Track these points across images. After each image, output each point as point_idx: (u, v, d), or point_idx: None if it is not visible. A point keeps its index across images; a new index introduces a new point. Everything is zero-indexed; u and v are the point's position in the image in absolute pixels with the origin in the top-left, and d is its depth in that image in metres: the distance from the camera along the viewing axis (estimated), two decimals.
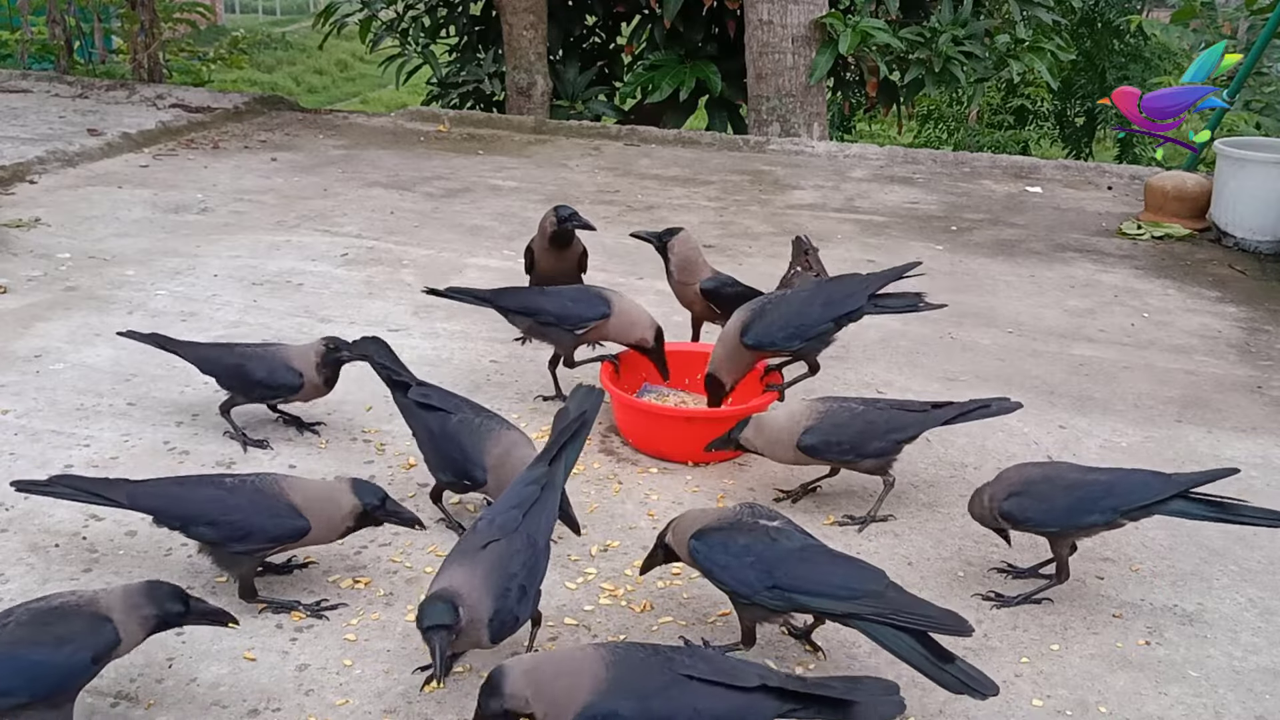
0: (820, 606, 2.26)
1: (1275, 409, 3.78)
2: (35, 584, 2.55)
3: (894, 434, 2.88)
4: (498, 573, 2.16)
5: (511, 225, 5.49)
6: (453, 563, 2.19)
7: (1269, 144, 5.90)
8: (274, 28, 24.61)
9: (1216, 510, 2.54)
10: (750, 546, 2.29)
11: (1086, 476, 2.61)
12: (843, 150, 7.49)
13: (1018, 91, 15.69)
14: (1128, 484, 2.57)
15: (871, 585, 2.23)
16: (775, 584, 2.24)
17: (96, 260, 4.73)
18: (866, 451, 2.88)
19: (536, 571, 2.24)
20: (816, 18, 7.86)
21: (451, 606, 2.05)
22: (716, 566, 2.30)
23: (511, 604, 2.15)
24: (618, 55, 10.23)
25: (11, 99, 7.80)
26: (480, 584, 2.12)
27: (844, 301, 3.30)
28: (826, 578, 2.25)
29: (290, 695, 2.25)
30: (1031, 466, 2.71)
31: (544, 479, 2.34)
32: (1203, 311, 4.70)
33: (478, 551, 2.19)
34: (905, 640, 2.17)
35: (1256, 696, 2.38)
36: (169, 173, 6.25)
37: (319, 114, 8.26)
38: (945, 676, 2.14)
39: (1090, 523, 2.55)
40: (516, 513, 2.27)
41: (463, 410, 2.87)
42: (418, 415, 2.87)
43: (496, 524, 2.25)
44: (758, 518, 2.37)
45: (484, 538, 2.22)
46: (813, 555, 2.31)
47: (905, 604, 2.20)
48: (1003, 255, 5.35)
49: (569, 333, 3.45)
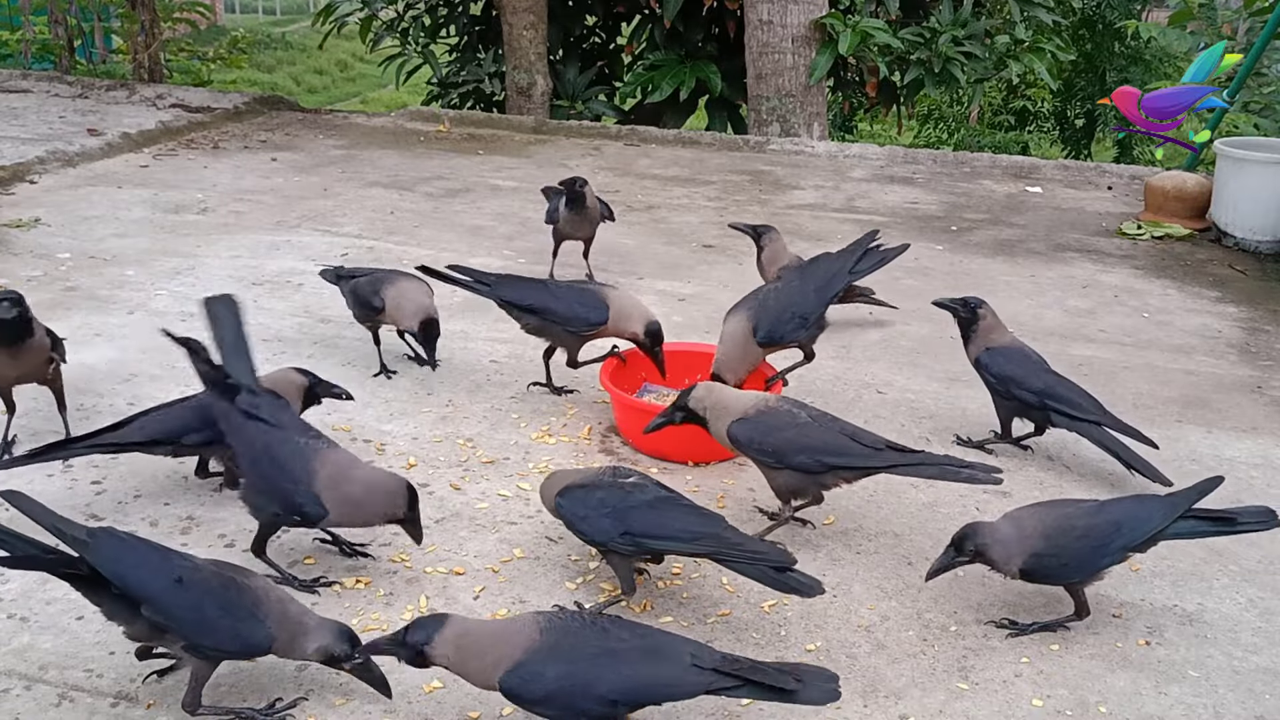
0: (667, 548, 2.49)
1: (1275, 409, 3.78)
2: (35, 584, 2.55)
3: (825, 455, 2.72)
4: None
5: (511, 225, 5.49)
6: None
7: (1269, 144, 5.90)
8: (274, 28, 24.58)
9: (1216, 524, 2.55)
10: (605, 499, 2.51)
11: (1095, 519, 2.52)
12: (843, 150, 7.49)
13: (1018, 92, 15.71)
14: (1134, 518, 2.52)
15: (710, 529, 2.46)
16: (627, 530, 2.46)
17: (96, 260, 4.73)
18: (789, 462, 2.75)
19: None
20: (816, 18, 7.86)
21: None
22: (576, 518, 2.53)
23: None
24: (618, 55, 10.23)
25: (11, 99, 7.79)
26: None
27: (832, 283, 3.40)
28: (671, 524, 2.48)
29: (290, 695, 2.25)
30: (1040, 513, 2.56)
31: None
32: (1203, 311, 4.70)
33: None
34: (745, 566, 2.43)
35: (1256, 696, 2.38)
36: (169, 173, 6.25)
37: (319, 114, 8.26)
38: (779, 583, 2.39)
39: (1105, 565, 2.51)
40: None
41: (293, 427, 2.60)
42: (243, 429, 2.57)
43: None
44: (617, 476, 2.57)
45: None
46: (662, 505, 2.52)
47: (740, 542, 2.44)
48: (1003, 255, 5.35)
49: (573, 334, 3.45)
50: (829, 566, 2.77)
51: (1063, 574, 2.51)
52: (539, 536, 2.84)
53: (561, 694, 2.01)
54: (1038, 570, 2.50)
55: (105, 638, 2.36)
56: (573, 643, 2.06)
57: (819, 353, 3.57)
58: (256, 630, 2.11)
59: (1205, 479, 2.63)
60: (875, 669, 2.40)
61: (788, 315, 3.31)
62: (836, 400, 3.68)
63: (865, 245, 3.49)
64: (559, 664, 2.03)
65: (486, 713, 2.22)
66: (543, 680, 2.02)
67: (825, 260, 3.52)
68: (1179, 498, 2.57)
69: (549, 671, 2.02)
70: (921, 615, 2.60)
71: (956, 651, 2.47)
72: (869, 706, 2.29)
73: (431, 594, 2.60)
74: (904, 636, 2.52)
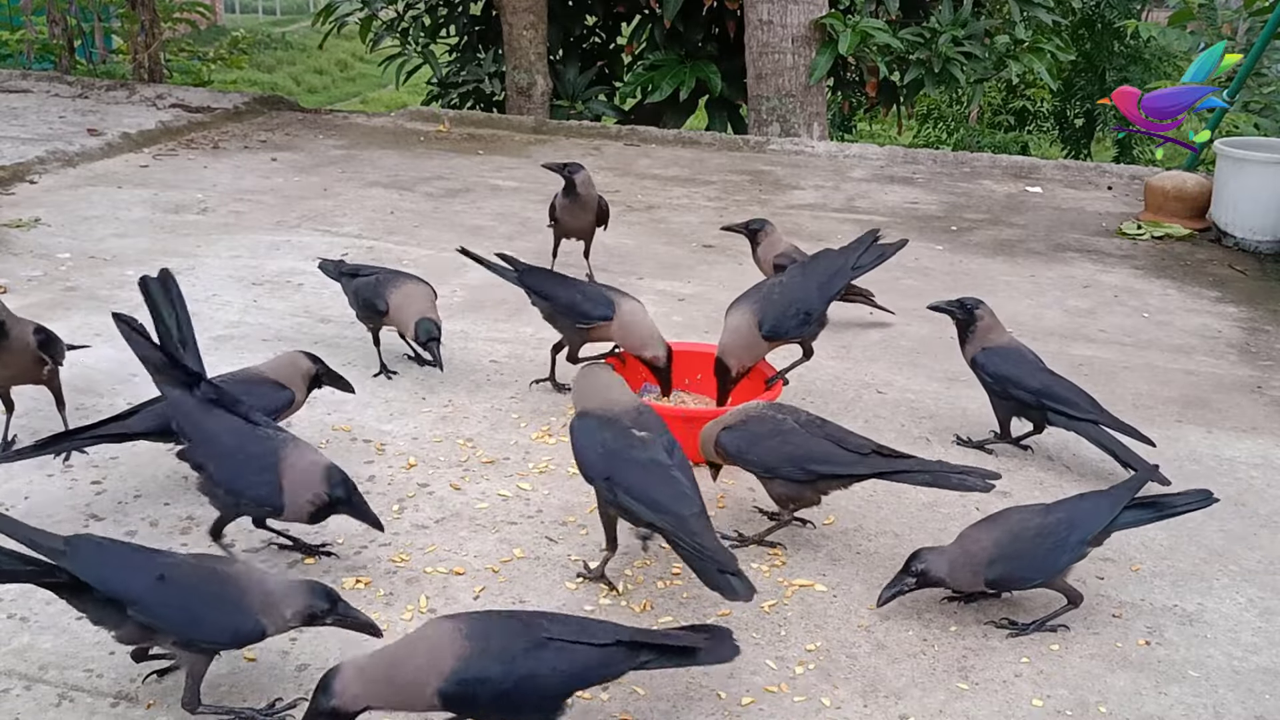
0: (632, 509, 2.46)
1: (1275, 409, 3.78)
2: None
3: (810, 464, 2.70)
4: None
5: (511, 225, 5.49)
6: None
7: (1269, 144, 5.90)
8: (274, 28, 24.58)
9: (1154, 511, 2.61)
10: (606, 441, 2.52)
11: (1046, 519, 2.54)
12: (843, 150, 7.49)
13: (1018, 92, 15.72)
14: (1084, 513, 2.55)
15: (678, 509, 2.42)
16: (609, 476, 2.48)
17: (96, 260, 4.73)
18: (777, 473, 2.74)
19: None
20: (816, 18, 7.86)
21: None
22: (576, 443, 2.58)
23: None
24: (618, 55, 10.23)
25: (11, 99, 7.79)
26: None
27: (834, 280, 3.41)
28: (648, 490, 2.45)
29: (290, 695, 2.25)
30: (992, 527, 2.57)
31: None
32: (1203, 311, 4.70)
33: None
34: (691, 558, 2.39)
35: (1256, 696, 2.38)
36: (169, 173, 6.25)
37: (319, 114, 8.26)
38: (714, 581, 2.34)
39: (1066, 563, 2.52)
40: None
41: (252, 417, 2.59)
42: (204, 420, 2.54)
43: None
44: (637, 426, 2.55)
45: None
46: (652, 469, 2.48)
47: (697, 533, 2.38)
48: (1003, 255, 5.35)
49: (574, 326, 3.48)
50: (829, 566, 2.77)
51: (1029, 576, 2.51)
52: (539, 536, 2.84)
53: (510, 693, 1.97)
54: (1004, 578, 2.50)
55: (105, 638, 2.35)
56: (503, 642, 2.01)
57: (818, 352, 3.57)
58: (245, 620, 2.10)
59: (1141, 471, 2.81)
60: (875, 669, 2.40)
61: (792, 310, 3.31)
62: (836, 400, 3.68)
63: (866, 244, 3.49)
64: (498, 664, 1.97)
65: None
66: (488, 682, 1.95)
67: (827, 256, 3.51)
68: (1119, 490, 2.61)
69: (492, 672, 1.96)
70: (921, 615, 2.60)
71: (956, 651, 2.47)
72: (869, 706, 2.29)
73: (431, 594, 2.60)
74: (904, 636, 2.52)
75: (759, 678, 2.36)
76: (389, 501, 2.97)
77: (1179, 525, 2.94)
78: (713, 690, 2.31)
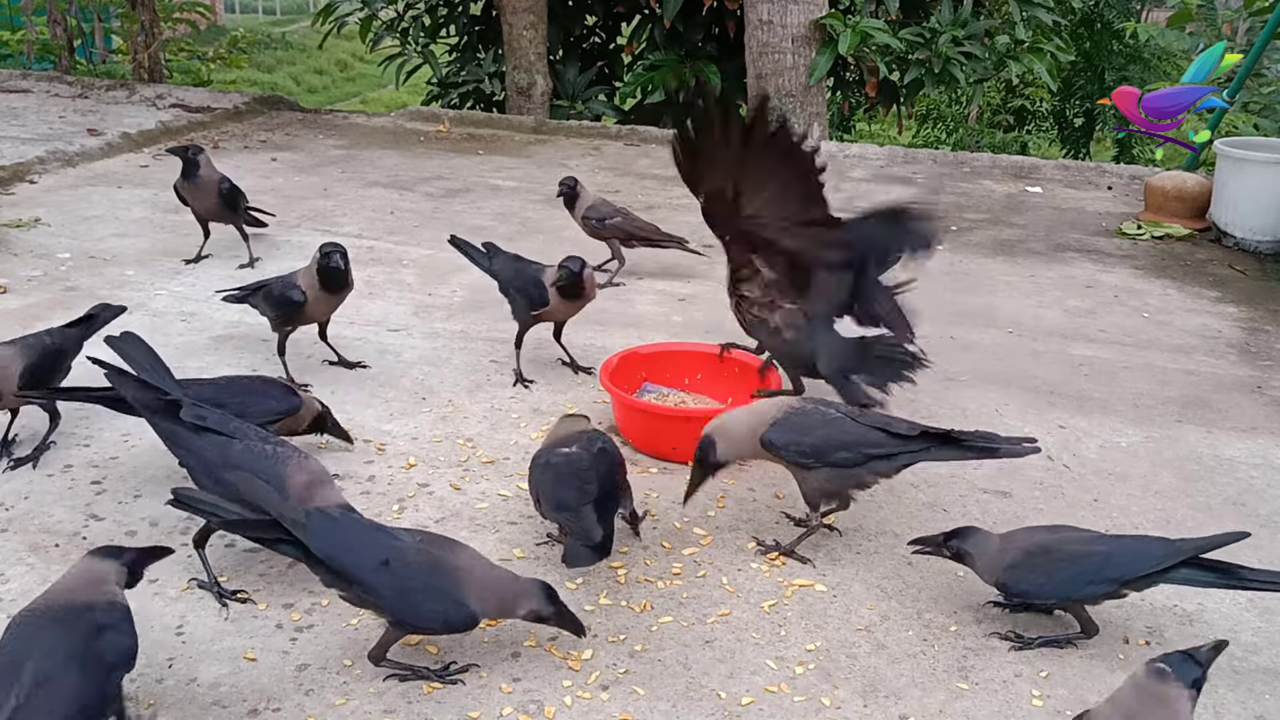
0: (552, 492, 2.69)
1: (1275, 409, 3.78)
2: (36, 584, 2.55)
3: (864, 448, 2.69)
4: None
5: (511, 225, 5.49)
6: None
7: (1269, 144, 5.90)
8: (274, 28, 24.59)
9: (1223, 576, 2.41)
10: (570, 456, 2.73)
11: (1088, 548, 2.47)
12: (843, 150, 7.49)
13: (1017, 92, 15.72)
14: (1129, 553, 2.45)
15: (572, 502, 2.61)
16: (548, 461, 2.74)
17: (96, 260, 4.73)
18: (829, 459, 2.70)
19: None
20: (816, 18, 7.87)
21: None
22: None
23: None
24: (618, 55, 10.24)
25: (11, 99, 7.80)
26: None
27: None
28: (554, 486, 2.67)
29: (290, 695, 2.25)
30: (1036, 533, 2.55)
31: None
32: (1203, 311, 4.71)
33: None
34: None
35: (1256, 696, 2.38)
36: (169, 173, 6.21)
37: (319, 114, 8.26)
38: (572, 551, 2.59)
39: (1089, 594, 2.45)
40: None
41: (247, 436, 2.58)
42: (191, 442, 2.57)
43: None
44: (590, 442, 2.77)
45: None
46: (564, 467, 2.70)
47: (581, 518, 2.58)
48: (1003, 255, 5.36)
49: (524, 309, 3.63)
50: (829, 566, 2.77)
51: (1039, 592, 2.46)
52: (539, 536, 2.84)
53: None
54: (1014, 584, 2.46)
55: None
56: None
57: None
58: (458, 611, 2.24)
59: (1226, 533, 2.44)
60: (875, 669, 2.40)
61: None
62: (835, 400, 3.68)
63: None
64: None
65: (486, 713, 2.22)
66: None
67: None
68: (1187, 544, 2.45)
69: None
70: (921, 615, 2.60)
71: (956, 651, 2.48)
72: (869, 706, 2.29)
73: None
74: (904, 636, 2.52)
75: (759, 678, 2.36)
76: (389, 502, 2.97)
77: (1179, 525, 2.95)
78: (713, 690, 2.31)
